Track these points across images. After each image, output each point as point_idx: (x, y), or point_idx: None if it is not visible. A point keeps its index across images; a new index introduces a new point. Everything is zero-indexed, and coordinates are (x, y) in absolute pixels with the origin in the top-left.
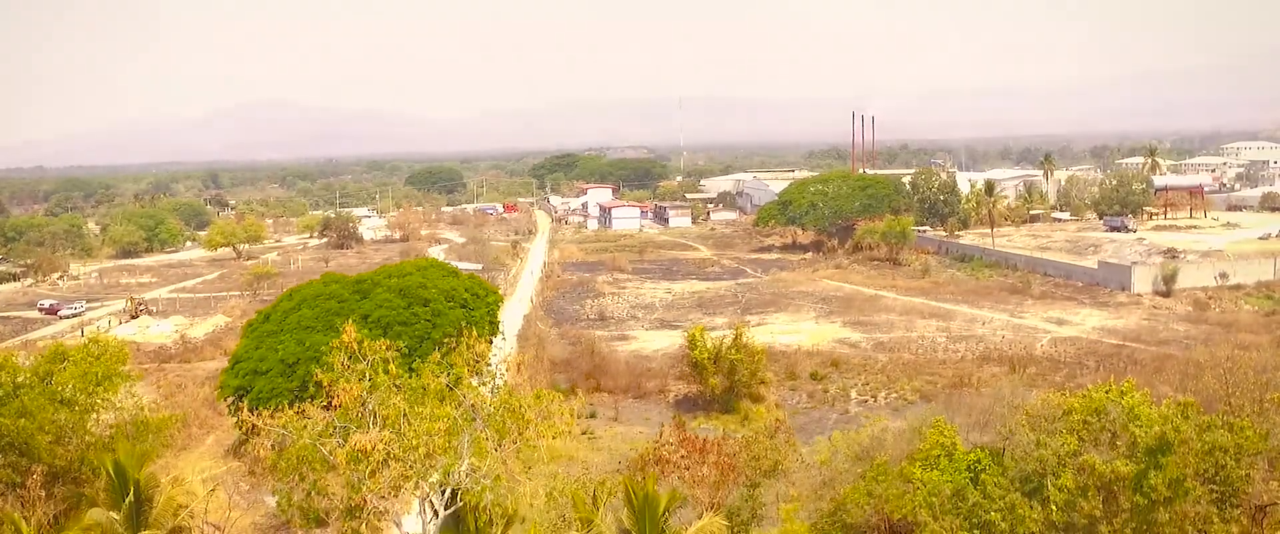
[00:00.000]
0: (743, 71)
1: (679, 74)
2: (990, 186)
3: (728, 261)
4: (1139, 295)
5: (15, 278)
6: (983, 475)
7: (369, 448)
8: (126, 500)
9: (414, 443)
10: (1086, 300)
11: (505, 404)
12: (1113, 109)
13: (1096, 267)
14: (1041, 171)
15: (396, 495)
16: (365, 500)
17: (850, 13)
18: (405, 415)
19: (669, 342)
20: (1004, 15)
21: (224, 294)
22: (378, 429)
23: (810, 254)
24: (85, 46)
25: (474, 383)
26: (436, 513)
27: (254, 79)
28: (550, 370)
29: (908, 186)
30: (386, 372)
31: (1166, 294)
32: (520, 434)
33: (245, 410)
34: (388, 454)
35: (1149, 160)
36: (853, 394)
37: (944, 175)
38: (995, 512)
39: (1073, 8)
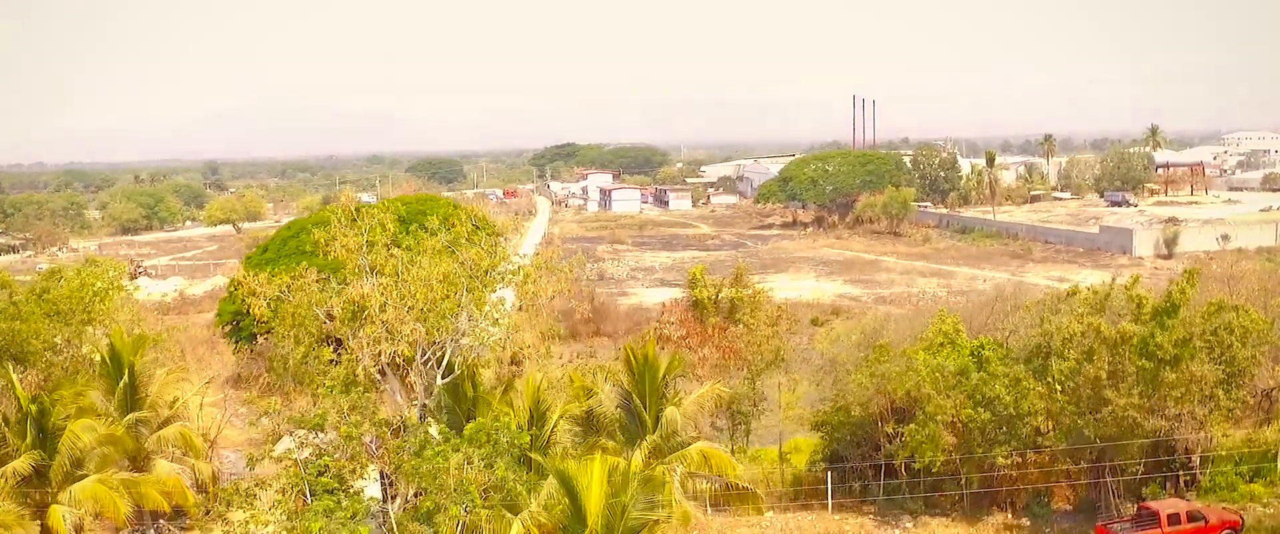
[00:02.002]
0: (743, 72)
1: (680, 74)
2: (991, 158)
3: (728, 236)
4: (1140, 258)
5: (14, 250)
6: (986, 353)
7: (365, 297)
8: (120, 383)
9: (412, 290)
10: (1088, 263)
11: (503, 257)
12: (1113, 108)
13: (1098, 231)
14: (1042, 158)
15: (394, 347)
16: (360, 356)
17: (851, 17)
18: (403, 269)
19: (669, 296)
20: (1003, 16)
21: (223, 261)
22: (374, 282)
23: (811, 229)
24: (85, 44)
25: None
26: (429, 388)
27: (252, 79)
28: (549, 315)
29: (908, 164)
30: (384, 230)
31: (1168, 256)
32: (521, 286)
33: (241, 272)
34: (384, 303)
35: (1150, 138)
36: (854, 337)
37: (945, 153)
38: (1000, 385)
39: (1071, 7)
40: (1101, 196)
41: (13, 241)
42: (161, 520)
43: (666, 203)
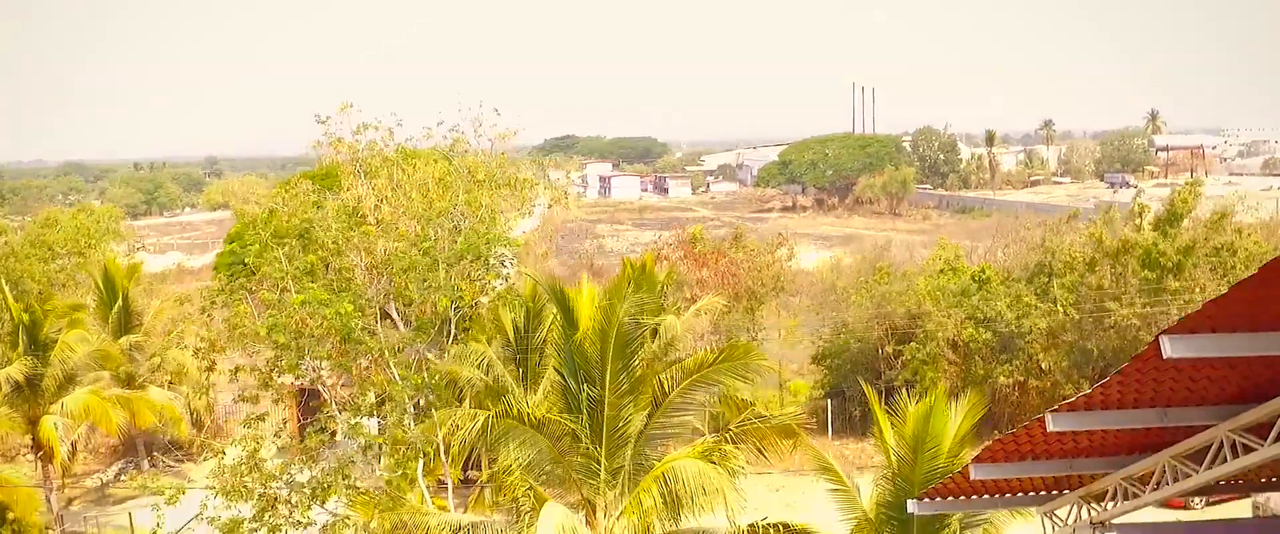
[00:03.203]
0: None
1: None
2: (991, 137)
3: (727, 219)
4: None
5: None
6: (987, 274)
7: (360, 199)
8: (113, 308)
9: (407, 192)
10: None
11: (500, 162)
12: (1112, 103)
13: (1094, 207)
14: (1043, 144)
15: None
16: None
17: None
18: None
19: None
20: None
21: (222, 243)
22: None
23: (811, 211)
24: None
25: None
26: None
27: (251, 77)
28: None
29: (908, 148)
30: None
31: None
32: (518, 192)
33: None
34: (379, 203)
35: (1151, 123)
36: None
37: (945, 137)
38: (1001, 303)
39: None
40: (1102, 180)
41: (12, 225)
42: (156, 452)
43: (666, 190)
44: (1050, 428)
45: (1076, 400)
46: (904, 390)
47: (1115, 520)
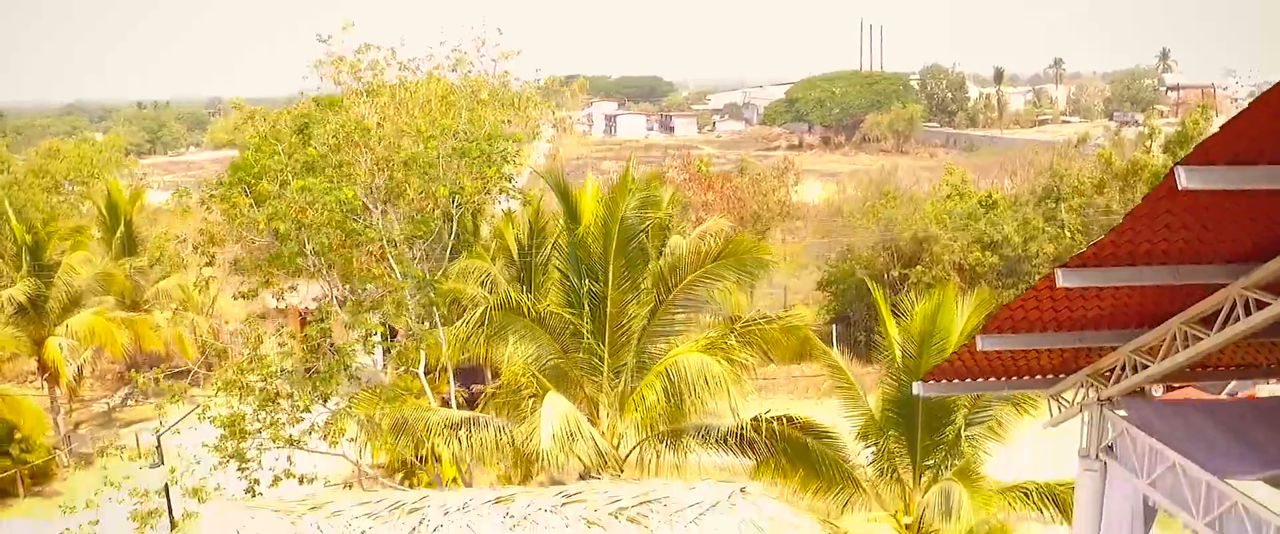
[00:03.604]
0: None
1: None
2: (1000, 75)
3: (733, 156)
4: None
5: None
6: (994, 198)
7: (361, 119)
8: (116, 233)
9: (410, 110)
10: None
11: (503, 79)
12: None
13: (1103, 135)
14: (1051, 83)
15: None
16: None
17: None
18: (400, 90)
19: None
20: None
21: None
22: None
23: (817, 149)
24: None
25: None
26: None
27: (259, 18)
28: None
29: (915, 86)
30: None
31: None
32: (522, 111)
33: (233, 100)
34: (381, 121)
35: (1161, 63)
36: (858, 220)
37: (953, 75)
38: (1009, 226)
39: None
40: (1110, 119)
41: (16, 157)
42: (162, 378)
43: (672, 128)
44: (1059, 283)
45: (1087, 252)
46: (910, 294)
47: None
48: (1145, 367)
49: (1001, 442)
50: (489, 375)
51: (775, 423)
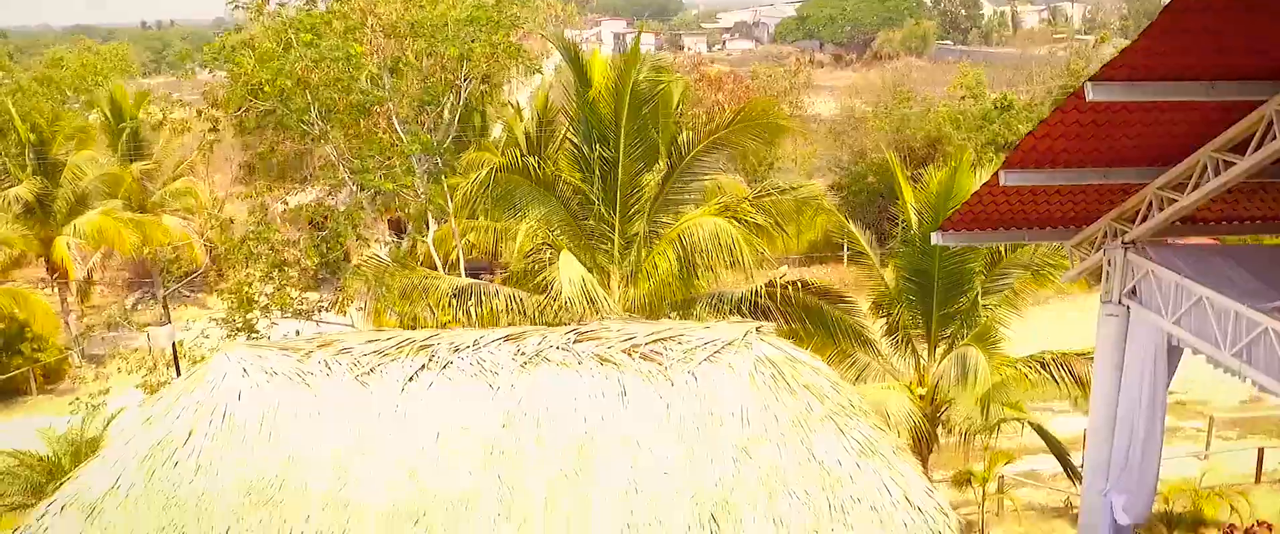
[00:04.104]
0: None
1: None
2: None
3: (742, 72)
4: None
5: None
6: (1009, 100)
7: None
8: (122, 136)
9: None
10: None
11: None
12: None
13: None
14: (1068, 1)
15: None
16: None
17: None
18: None
19: None
20: None
21: None
22: None
23: (829, 67)
24: None
25: None
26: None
27: None
28: None
29: (928, 2)
30: None
31: None
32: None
33: None
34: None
35: None
36: (871, 121)
37: None
38: (1023, 126)
39: None
40: (1127, 40)
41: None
42: (174, 284)
43: (682, 46)
44: (1090, 97)
45: (1117, 59)
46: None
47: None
48: (1172, 201)
49: (1018, 312)
50: (496, 271)
51: (790, 288)
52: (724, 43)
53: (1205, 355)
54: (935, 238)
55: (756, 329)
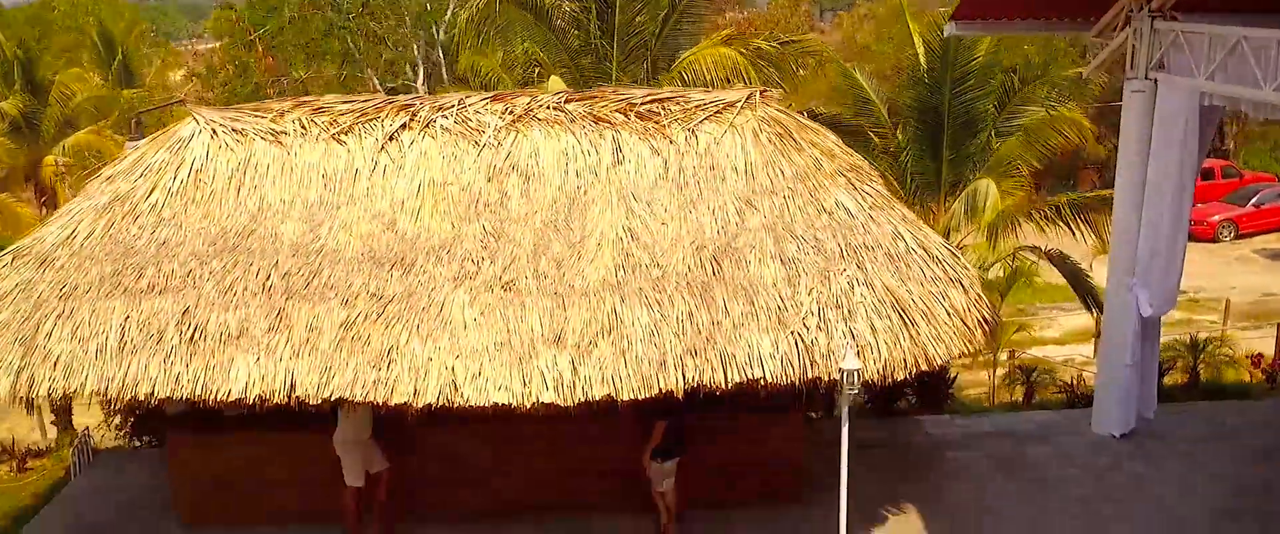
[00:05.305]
0: None
1: None
2: None
3: None
4: None
5: None
6: None
7: None
8: (113, 63)
9: None
10: None
11: None
12: None
13: None
14: None
15: None
16: None
17: None
18: None
19: None
20: None
21: None
22: None
23: None
24: None
25: None
26: None
27: None
28: None
29: None
30: None
31: None
32: None
33: None
34: None
35: None
36: None
37: None
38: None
39: None
40: None
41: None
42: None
43: None
44: None
45: None
46: None
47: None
48: None
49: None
50: None
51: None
52: None
53: (1245, 106)
54: (949, 29)
55: (760, 93)
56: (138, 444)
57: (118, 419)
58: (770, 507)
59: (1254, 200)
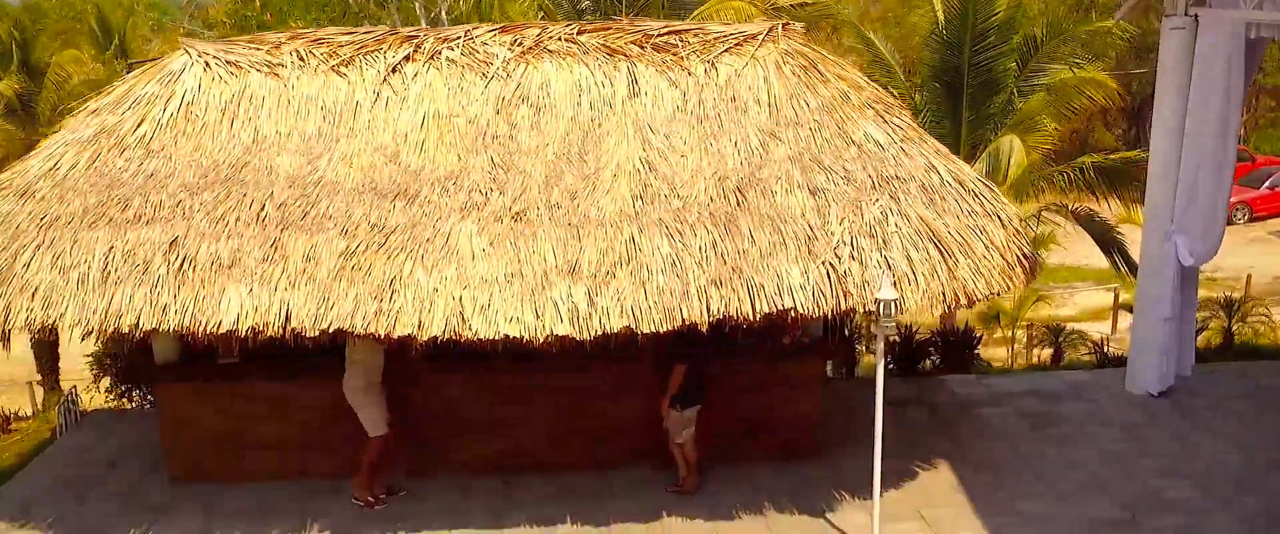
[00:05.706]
0: None
1: None
2: None
3: None
4: None
5: None
6: None
7: None
8: (110, 47)
9: None
10: None
11: None
12: None
13: None
14: None
15: None
16: None
17: None
18: None
19: None
20: None
21: None
22: None
23: None
24: None
25: None
26: None
27: None
28: None
29: None
30: None
31: None
32: None
33: None
34: None
35: None
36: None
37: None
38: None
39: None
40: None
41: None
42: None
43: None
44: None
45: None
46: None
47: None
48: None
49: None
50: None
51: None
52: None
53: None
54: None
55: (782, 26)
56: (128, 405)
57: (107, 380)
58: (791, 460)
59: (1268, 183)
